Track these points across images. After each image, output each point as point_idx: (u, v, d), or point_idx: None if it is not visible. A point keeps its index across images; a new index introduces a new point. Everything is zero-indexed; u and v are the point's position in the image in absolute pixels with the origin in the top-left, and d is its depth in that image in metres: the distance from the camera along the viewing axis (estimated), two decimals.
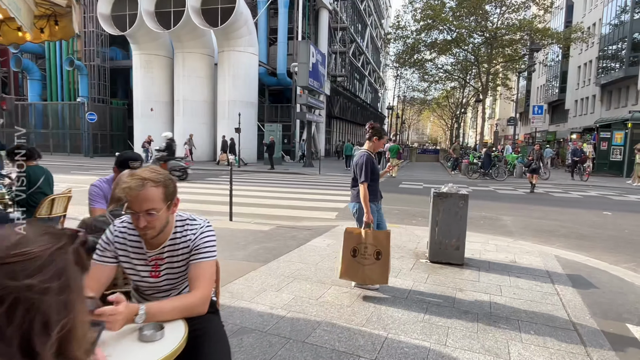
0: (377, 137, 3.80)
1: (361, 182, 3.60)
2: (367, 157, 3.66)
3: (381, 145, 3.90)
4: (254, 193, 10.55)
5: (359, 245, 3.50)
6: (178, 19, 21.82)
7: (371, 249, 3.46)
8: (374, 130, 3.81)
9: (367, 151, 3.75)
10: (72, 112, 26.98)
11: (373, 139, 3.80)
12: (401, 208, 8.52)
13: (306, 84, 20.00)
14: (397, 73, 44.78)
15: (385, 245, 3.46)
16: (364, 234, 3.50)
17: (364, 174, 3.58)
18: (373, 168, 3.69)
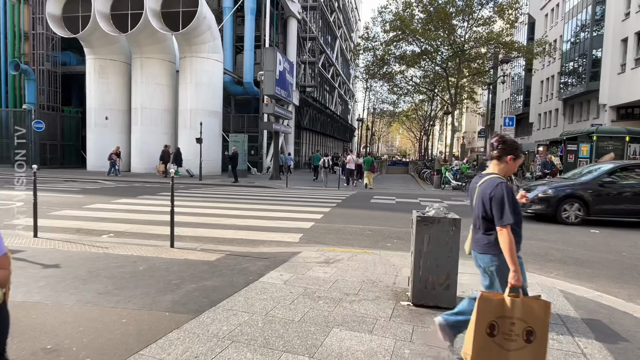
0: (513, 157, 2.56)
1: (502, 225, 2.40)
2: (507, 188, 2.44)
3: (515, 168, 2.63)
4: (210, 210, 9.35)
5: (500, 320, 2.26)
6: (136, 22, 20.42)
7: (520, 326, 2.26)
8: (506, 146, 2.56)
9: (499, 177, 2.53)
10: (17, 120, 24.71)
11: (506, 158, 2.55)
12: (374, 228, 7.58)
13: (272, 93, 19.02)
14: (367, 85, 44.68)
15: (541, 321, 2.26)
16: (509, 303, 2.28)
17: (505, 212, 2.39)
18: (515, 202, 2.49)
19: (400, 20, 25.07)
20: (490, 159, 2.62)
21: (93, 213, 8.59)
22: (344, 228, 7.43)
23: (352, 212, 9.52)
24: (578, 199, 8.53)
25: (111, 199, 10.83)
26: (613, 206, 8.51)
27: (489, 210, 2.47)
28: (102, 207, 9.50)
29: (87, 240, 6.02)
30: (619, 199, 8.51)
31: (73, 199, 10.74)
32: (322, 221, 8.15)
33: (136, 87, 22.49)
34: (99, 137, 23.25)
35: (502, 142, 2.56)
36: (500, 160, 2.57)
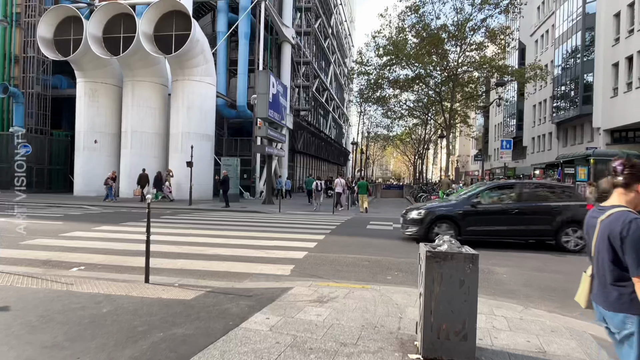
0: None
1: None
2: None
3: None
4: (195, 238, 8.72)
5: None
6: (128, 45, 20.21)
7: None
8: (636, 170, 1.99)
9: (631, 211, 1.94)
10: (4, 144, 24.09)
11: (637, 186, 1.99)
12: (372, 258, 6.99)
13: (266, 115, 18.69)
14: (361, 109, 44.81)
15: None
16: None
17: None
18: None
19: (394, 45, 25.23)
20: (613, 186, 2.06)
21: (68, 242, 7.93)
22: (339, 258, 6.84)
23: (347, 240, 8.93)
24: (449, 220, 8.29)
25: (92, 226, 10.17)
26: (481, 227, 8.27)
27: (621, 254, 1.89)
28: (80, 235, 8.84)
29: (52, 275, 5.37)
30: (486, 220, 8.26)
31: (51, 226, 10.06)
32: (315, 250, 7.55)
33: (127, 110, 22.09)
34: (87, 161, 22.64)
35: (630, 165, 2.01)
36: (629, 189, 2.00)
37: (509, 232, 8.24)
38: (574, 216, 7.91)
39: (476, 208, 8.30)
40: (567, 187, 8.53)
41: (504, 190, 8.75)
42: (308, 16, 37.05)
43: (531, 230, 8.19)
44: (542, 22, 37.49)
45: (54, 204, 17.29)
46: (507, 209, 8.22)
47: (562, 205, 8.11)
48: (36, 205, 16.27)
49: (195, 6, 26.30)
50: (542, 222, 8.08)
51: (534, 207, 8.18)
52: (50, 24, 21.35)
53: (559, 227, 7.98)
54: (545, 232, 8.09)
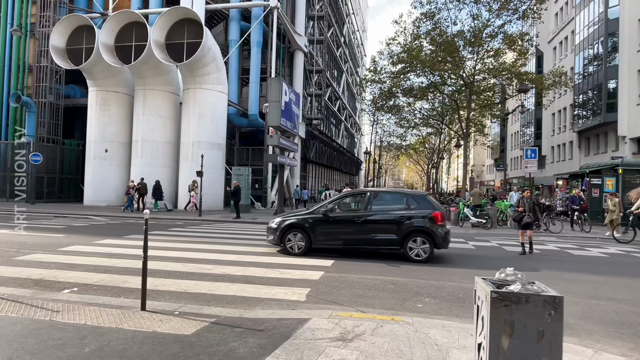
0: None
1: None
2: None
3: None
4: (202, 254, 8.10)
5: None
6: (139, 53, 19.98)
7: None
8: None
9: None
10: (15, 153, 24.00)
11: None
12: (397, 280, 6.25)
13: (278, 124, 18.16)
14: (374, 118, 44.17)
15: None
16: None
17: None
18: None
19: (408, 52, 24.61)
20: None
21: (66, 258, 7.37)
22: (360, 280, 6.12)
23: (363, 259, 8.20)
24: (301, 229, 8.26)
25: (94, 239, 9.64)
26: (331, 236, 8.23)
27: None
28: (80, 249, 8.29)
29: (39, 299, 4.78)
30: (336, 229, 8.22)
31: (51, 239, 9.55)
32: (333, 269, 6.84)
33: (138, 119, 21.85)
34: (97, 170, 22.40)
35: None
36: None
37: (358, 241, 8.14)
38: (419, 226, 7.76)
39: (327, 217, 8.25)
40: (418, 195, 8.24)
41: (356, 199, 8.64)
42: (321, 25, 36.78)
43: (378, 239, 8.01)
44: (560, 28, 36.56)
45: (61, 214, 16.93)
46: (356, 218, 8.13)
47: (407, 214, 7.90)
48: (43, 216, 15.92)
49: (208, 15, 26.14)
50: (388, 231, 7.93)
51: (381, 216, 8.07)
52: (63, 33, 21.30)
53: (405, 236, 7.80)
54: (392, 241, 7.92)
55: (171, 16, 20.26)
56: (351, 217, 8.20)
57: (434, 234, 7.69)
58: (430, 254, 7.74)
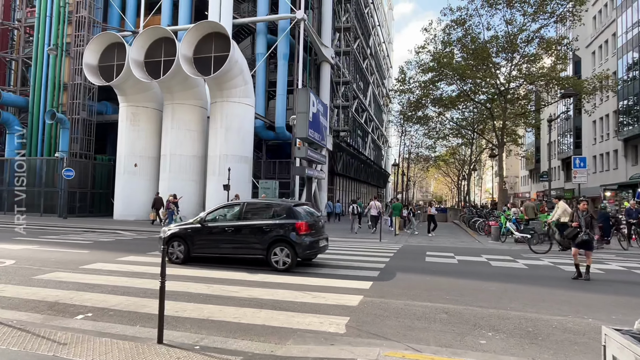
0: None
1: None
2: None
3: None
4: (228, 273, 7.53)
5: None
6: (168, 68, 20.11)
7: None
8: None
9: None
10: (49, 169, 24.60)
11: None
12: (449, 307, 5.43)
13: (305, 135, 17.68)
14: (402, 129, 43.20)
15: None
16: None
17: None
18: None
19: (438, 61, 23.77)
20: None
21: (86, 277, 6.95)
22: (406, 307, 5.33)
23: (409, 278, 7.39)
24: (180, 238, 8.52)
25: (117, 256, 9.26)
26: (207, 245, 8.53)
27: None
28: (101, 267, 7.89)
29: (48, 327, 4.28)
30: (211, 238, 8.49)
31: (75, 255, 9.25)
32: (373, 293, 6.08)
33: (166, 133, 21.94)
34: (127, 185, 22.55)
35: None
36: None
37: (229, 249, 8.44)
38: (282, 235, 7.89)
39: (203, 227, 8.49)
40: (285, 206, 8.30)
41: (231, 210, 8.83)
42: (347, 36, 36.52)
43: (246, 247, 8.31)
44: (600, 32, 34.77)
45: (90, 228, 16.91)
46: (228, 227, 8.37)
47: (272, 224, 8.09)
48: (73, 230, 15.91)
49: (235, 30, 26.32)
50: (255, 240, 8.16)
51: (249, 225, 8.26)
52: (96, 51, 21.78)
53: (269, 246, 7.97)
54: (258, 250, 8.14)
55: (199, 30, 20.35)
56: (224, 227, 8.43)
57: (295, 244, 7.76)
58: (291, 262, 7.79)
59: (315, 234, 8.20)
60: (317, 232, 8.33)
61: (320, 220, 8.77)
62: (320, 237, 8.34)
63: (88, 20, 25.45)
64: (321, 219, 8.95)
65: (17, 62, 28.82)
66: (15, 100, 26.50)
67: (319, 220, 8.73)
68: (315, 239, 8.13)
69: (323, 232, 8.74)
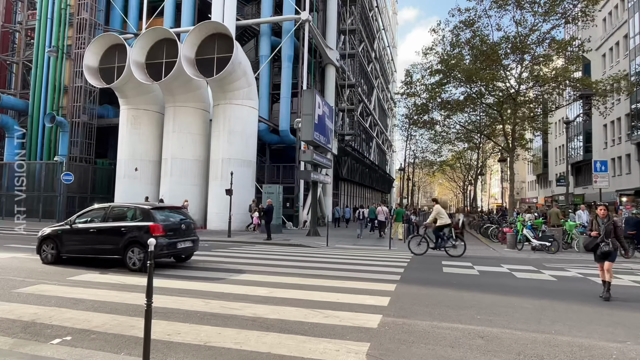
0: None
1: None
2: None
3: None
4: (229, 287, 6.85)
5: None
6: (170, 70, 19.57)
7: None
8: None
9: None
10: (49, 173, 24.07)
11: None
12: (483, 330, 4.70)
13: (311, 138, 17.03)
14: (407, 133, 42.50)
15: None
16: None
17: None
18: None
19: (446, 63, 23.12)
20: None
21: (72, 290, 6.29)
22: (433, 330, 4.61)
23: (430, 293, 6.67)
24: (51, 239, 8.86)
25: (110, 266, 8.61)
26: (73, 245, 8.80)
27: None
28: (91, 279, 7.23)
29: (16, 356, 3.61)
30: (76, 238, 8.79)
31: (61, 266, 8.60)
32: (393, 312, 5.37)
33: (168, 136, 21.37)
34: (127, 189, 21.94)
35: None
36: None
37: (92, 250, 8.75)
38: (136, 237, 8.21)
39: (71, 228, 8.81)
40: (143, 209, 8.67)
41: (97, 212, 9.06)
42: (352, 39, 35.99)
43: (106, 248, 8.59)
44: (610, 34, 34.07)
45: None
46: (92, 229, 8.69)
47: (128, 226, 8.44)
48: None
49: (239, 32, 25.84)
50: (114, 241, 8.44)
51: (107, 227, 8.59)
52: (96, 53, 21.29)
53: (125, 247, 8.29)
54: (116, 250, 8.41)
55: (202, 31, 19.83)
56: (88, 228, 8.74)
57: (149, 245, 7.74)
58: (144, 263, 8.00)
59: (174, 236, 8.58)
60: (177, 235, 8.71)
61: (186, 224, 9.07)
62: (181, 239, 8.72)
63: (89, 22, 25.04)
64: (190, 223, 9.31)
65: (18, 65, 28.43)
66: (15, 103, 26.05)
67: (184, 224, 9.02)
68: (173, 240, 8.52)
69: (190, 234, 9.09)
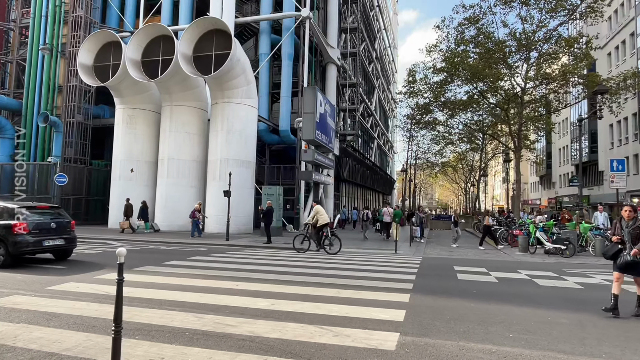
0: None
1: None
2: None
3: None
4: (224, 298, 6.18)
5: None
6: (166, 67, 18.93)
7: None
8: None
9: None
10: (42, 174, 23.36)
11: None
12: (521, 353, 4.01)
13: (312, 137, 16.37)
14: (409, 134, 41.86)
15: None
16: None
17: None
18: None
19: (452, 59, 22.50)
20: None
21: (48, 303, 5.61)
22: (463, 353, 3.91)
23: (449, 305, 5.96)
24: None
25: (98, 273, 7.93)
26: None
27: None
28: (73, 288, 6.54)
29: None
30: None
31: (47, 273, 7.92)
32: (410, 328, 4.69)
33: (164, 136, 20.71)
34: (123, 191, 21.24)
35: None
36: None
37: None
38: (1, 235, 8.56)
39: None
40: (9, 208, 8.93)
41: None
42: (353, 38, 35.40)
43: None
44: (616, 32, 33.46)
45: (81, 238, 15.57)
46: None
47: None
48: None
49: (238, 31, 25.22)
50: None
51: None
52: (91, 50, 20.66)
53: None
54: None
55: (199, 27, 19.20)
56: None
57: (9, 242, 8.51)
58: (5, 259, 8.47)
59: (40, 234, 8.90)
60: (45, 233, 9.03)
61: (57, 223, 9.36)
62: (49, 237, 9.06)
63: (85, 20, 24.41)
64: (63, 222, 9.58)
65: (12, 64, 27.78)
66: (8, 103, 25.38)
67: (55, 223, 9.31)
68: (39, 238, 8.84)
69: (62, 232, 9.39)
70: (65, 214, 10.37)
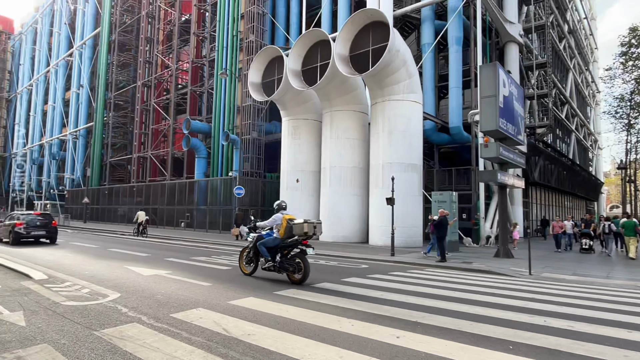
0: None
1: None
2: None
3: None
4: (383, 351, 3.88)
5: None
6: (324, 73, 18.28)
7: None
8: None
9: None
10: (226, 188, 25.94)
11: None
12: None
13: (495, 127, 12.76)
14: (628, 120, 31.89)
15: None
16: None
17: None
18: None
19: None
20: None
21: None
22: None
23: None
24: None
25: (233, 297, 6.74)
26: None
27: None
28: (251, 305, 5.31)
29: None
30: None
31: (191, 288, 7.14)
32: None
33: (325, 144, 20.14)
34: (290, 201, 21.44)
35: None
36: None
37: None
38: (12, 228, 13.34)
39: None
40: (16, 214, 14.90)
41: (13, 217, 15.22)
42: (537, 11, 29.11)
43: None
44: None
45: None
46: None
47: (9, 223, 14.24)
48: (223, 251, 14.94)
49: (397, 26, 23.17)
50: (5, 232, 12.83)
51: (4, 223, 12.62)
52: (259, 69, 21.82)
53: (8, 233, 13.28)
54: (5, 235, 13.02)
55: (354, 24, 17.92)
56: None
57: (15, 232, 14.10)
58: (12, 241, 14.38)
59: (29, 228, 14.52)
60: (33, 228, 14.66)
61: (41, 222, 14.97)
62: (35, 230, 14.70)
63: (256, 43, 26.39)
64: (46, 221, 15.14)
65: (204, 93, 32.36)
66: (201, 127, 29.41)
67: (39, 222, 14.92)
68: (29, 230, 14.51)
69: (44, 228, 14.96)
70: (49, 217, 15.75)
